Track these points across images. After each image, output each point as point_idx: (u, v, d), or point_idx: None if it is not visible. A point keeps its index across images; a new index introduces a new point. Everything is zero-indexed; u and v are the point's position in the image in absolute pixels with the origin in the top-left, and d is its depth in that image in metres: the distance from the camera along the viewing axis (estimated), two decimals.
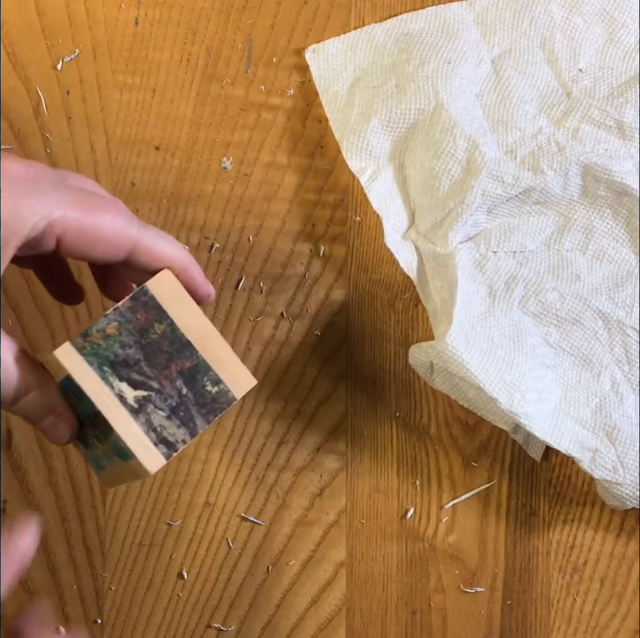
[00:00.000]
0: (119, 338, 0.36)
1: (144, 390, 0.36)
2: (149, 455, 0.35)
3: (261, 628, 0.52)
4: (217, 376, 0.37)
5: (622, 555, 0.52)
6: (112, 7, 0.54)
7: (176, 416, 0.36)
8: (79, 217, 0.35)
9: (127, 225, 0.36)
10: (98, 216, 0.36)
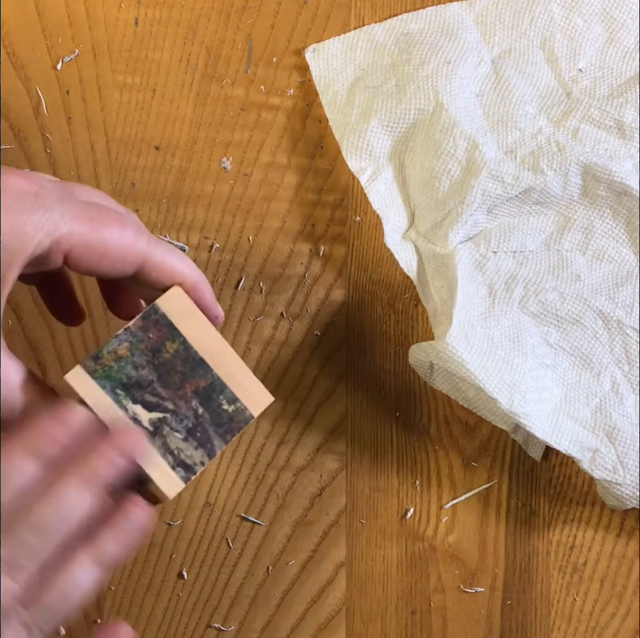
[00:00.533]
0: (131, 358, 0.36)
1: (159, 412, 0.35)
2: (167, 480, 0.34)
3: (261, 628, 0.52)
4: (233, 395, 0.36)
5: (622, 555, 0.52)
6: (112, 7, 0.54)
7: (193, 438, 0.35)
8: (86, 232, 0.34)
9: (135, 239, 0.36)
10: (105, 231, 0.35)
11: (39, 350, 0.52)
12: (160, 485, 0.34)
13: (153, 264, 0.36)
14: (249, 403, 0.36)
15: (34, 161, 0.52)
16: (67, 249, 0.34)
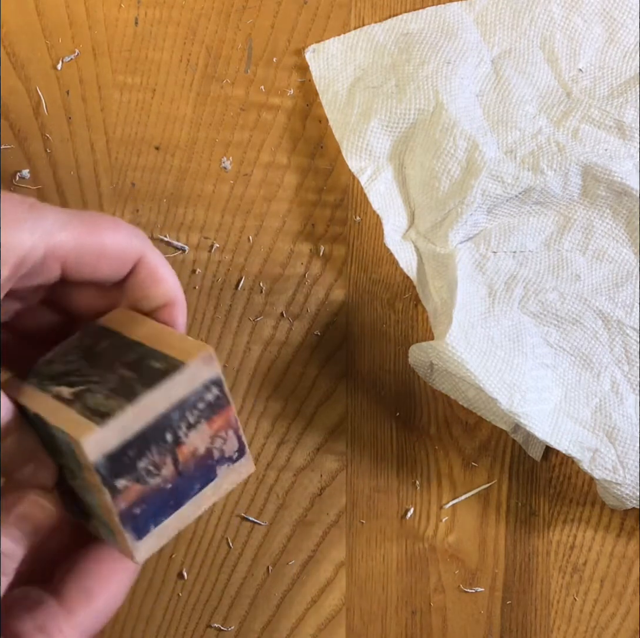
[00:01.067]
0: (62, 358, 0.35)
1: (82, 385, 0.34)
2: (79, 427, 0.32)
3: (261, 628, 0.52)
4: (163, 354, 0.35)
5: (622, 555, 0.52)
6: (112, 7, 0.54)
7: (116, 394, 0.33)
8: (81, 235, 0.34)
9: (130, 238, 0.36)
10: (101, 231, 0.35)
11: None
12: (71, 433, 0.32)
13: (146, 264, 0.36)
14: (182, 356, 0.34)
15: (34, 161, 0.52)
16: (63, 255, 0.34)
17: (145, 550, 0.34)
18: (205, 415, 0.34)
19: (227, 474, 0.35)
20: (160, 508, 0.34)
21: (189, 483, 0.34)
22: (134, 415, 0.33)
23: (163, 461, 0.33)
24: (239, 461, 0.35)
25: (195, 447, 0.34)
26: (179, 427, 0.34)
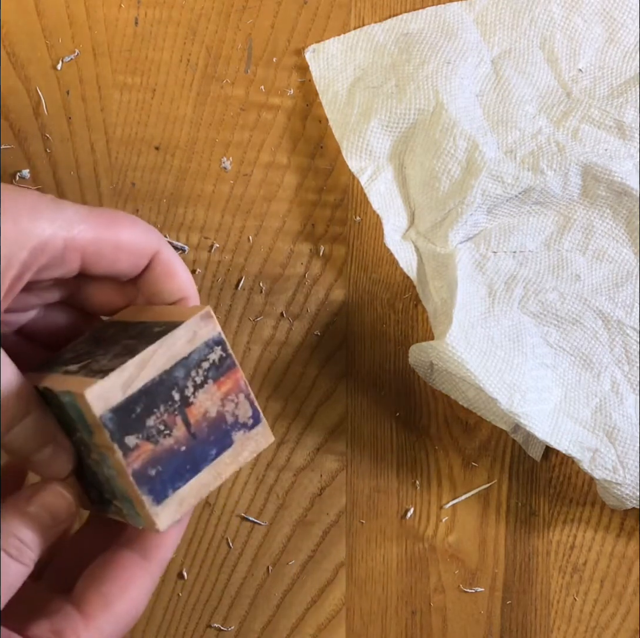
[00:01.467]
0: (73, 348, 0.36)
1: (88, 359, 0.35)
2: (82, 384, 0.33)
3: (261, 628, 0.52)
4: (164, 321, 0.35)
5: (622, 555, 0.52)
6: (112, 7, 0.54)
7: (119, 356, 0.34)
8: (100, 228, 0.35)
9: (147, 234, 0.36)
10: (119, 226, 0.36)
11: None
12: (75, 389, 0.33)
13: (161, 259, 0.37)
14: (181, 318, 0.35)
15: (34, 161, 0.52)
16: (82, 246, 0.35)
17: (166, 517, 0.33)
18: (211, 375, 0.35)
19: (244, 441, 0.35)
20: (177, 472, 0.34)
21: (205, 447, 0.34)
22: (136, 369, 0.33)
23: (173, 421, 0.34)
24: (255, 428, 0.36)
25: (206, 409, 0.34)
26: (186, 386, 0.34)
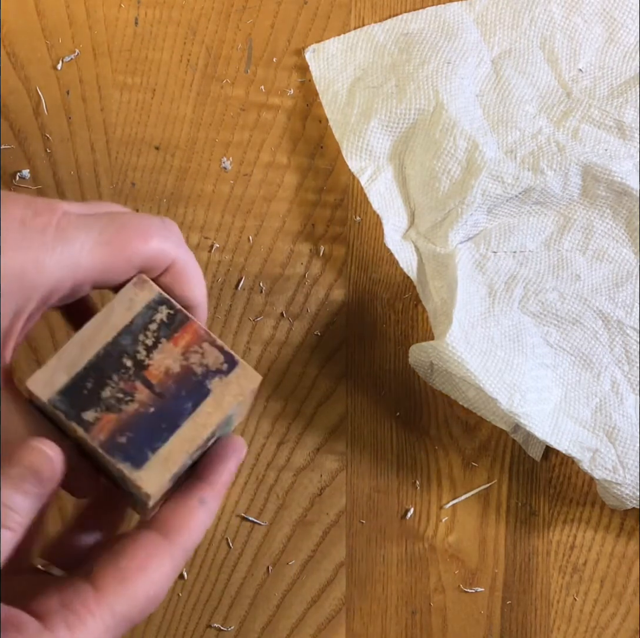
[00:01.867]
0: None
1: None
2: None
3: (261, 628, 0.52)
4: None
5: (622, 555, 0.52)
6: (112, 7, 0.54)
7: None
8: (110, 256, 0.34)
9: (161, 244, 0.35)
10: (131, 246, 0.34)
11: (39, 350, 0.52)
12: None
13: (175, 268, 0.36)
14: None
15: (34, 161, 0.52)
16: (92, 279, 0.34)
17: (152, 480, 0.33)
18: (163, 334, 0.34)
19: (224, 388, 0.35)
20: (152, 433, 0.33)
21: (177, 403, 0.34)
22: (77, 349, 0.33)
23: (132, 387, 0.34)
24: (233, 372, 0.35)
25: (167, 367, 0.34)
26: (137, 351, 0.34)
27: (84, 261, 0.33)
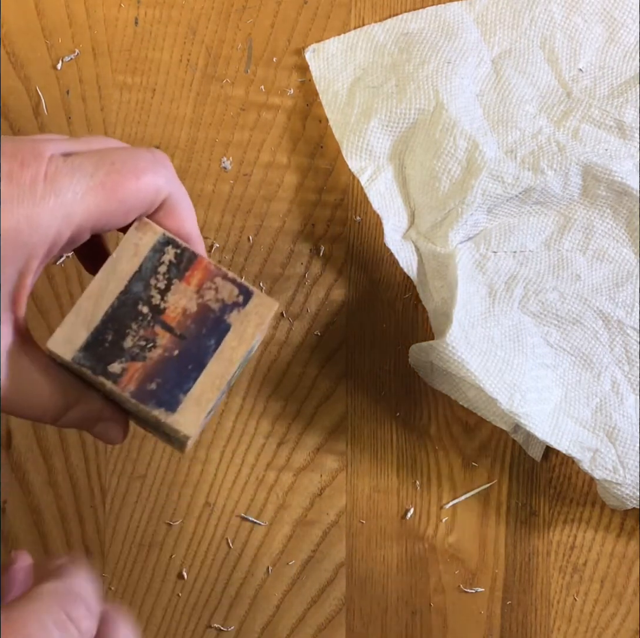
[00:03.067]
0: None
1: None
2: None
3: (261, 628, 0.52)
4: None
5: (622, 555, 0.52)
6: (112, 6, 0.54)
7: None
8: (104, 200, 0.33)
9: (153, 180, 0.34)
10: (124, 187, 0.33)
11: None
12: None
13: (166, 203, 0.35)
14: None
15: None
16: (90, 225, 0.33)
17: (190, 421, 0.33)
18: (174, 275, 0.34)
19: (244, 319, 0.35)
20: (180, 376, 0.34)
21: (200, 342, 0.34)
22: (91, 303, 0.33)
23: (153, 333, 0.34)
24: (250, 302, 0.35)
25: (183, 307, 0.34)
26: (151, 296, 0.34)
27: (78, 209, 0.32)
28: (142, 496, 0.52)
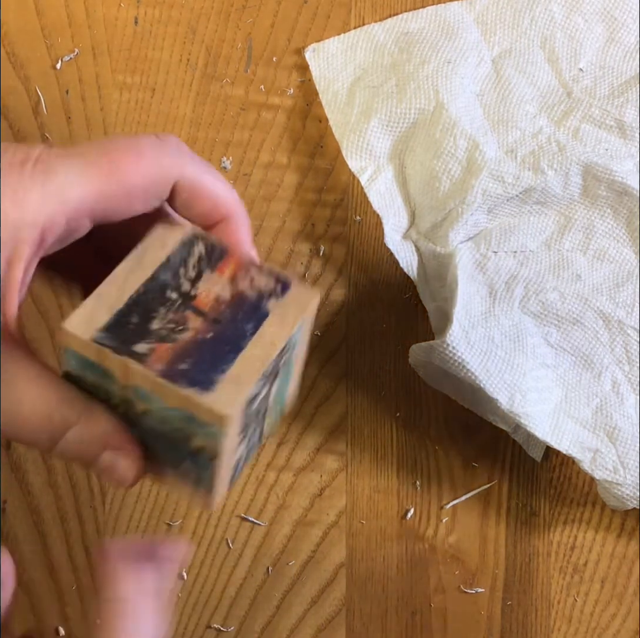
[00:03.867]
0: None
1: None
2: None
3: (261, 628, 0.52)
4: None
5: (622, 556, 0.52)
6: (111, 6, 0.53)
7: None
8: (102, 183, 0.30)
9: (157, 161, 0.31)
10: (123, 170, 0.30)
11: (39, 350, 0.52)
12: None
13: (185, 183, 0.32)
14: None
15: None
16: (88, 210, 0.30)
17: (226, 400, 0.29)
18: (205, 266, 0.32)
19: (283, 306, 0.32)
20: (216, 356, 0.30)
21: (237, 326, 0.31)
22: (114, 289, 0.30)
23: (183, 317, 0.31)
24: (288, 292, 0.32)
25: (216, 294, 0.32)
26: (180, 284, 0.31)
27: (73, 190, 0.29)
28: (142, 497, 0.52)
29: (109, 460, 0.31)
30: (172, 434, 0.31)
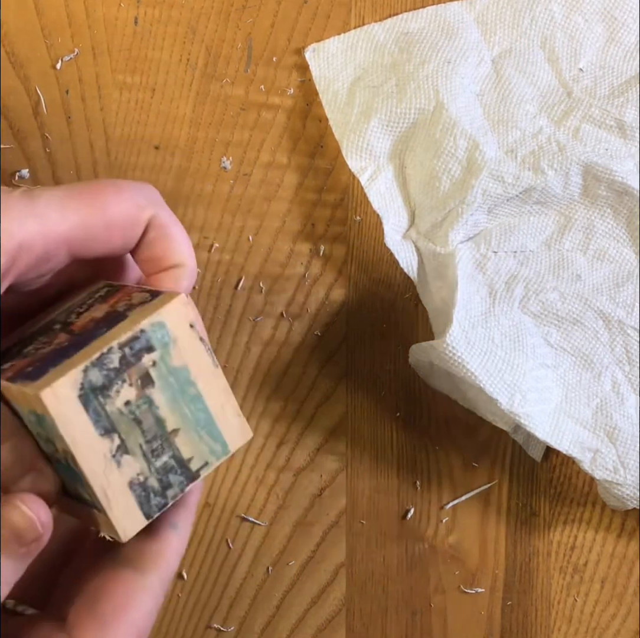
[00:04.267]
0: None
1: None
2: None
3: (261, 628, 0.52)
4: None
5: (622, 556, 0.52)
6: (111, 6, 0.53)
7: None
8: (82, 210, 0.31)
9: (136, 199, 0.33)
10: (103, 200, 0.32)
11: None
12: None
13: (155, 224, 0.34)
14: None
15: (33, 160, 0.52)
16: (66, 237, 0.31)
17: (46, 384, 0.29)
18: (99, 301, 0.34)
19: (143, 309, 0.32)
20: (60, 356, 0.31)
21: (93, 332, 0.32)
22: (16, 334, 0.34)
23: (54, 337, 0.33)
24: (156, 298, 0.33)
25: (92, 317, 0.33)
26: (67, 318, 0.34)
27: (53, 214, 0.30)
28: None
29: (31, 481, 0.31)
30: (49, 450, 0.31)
